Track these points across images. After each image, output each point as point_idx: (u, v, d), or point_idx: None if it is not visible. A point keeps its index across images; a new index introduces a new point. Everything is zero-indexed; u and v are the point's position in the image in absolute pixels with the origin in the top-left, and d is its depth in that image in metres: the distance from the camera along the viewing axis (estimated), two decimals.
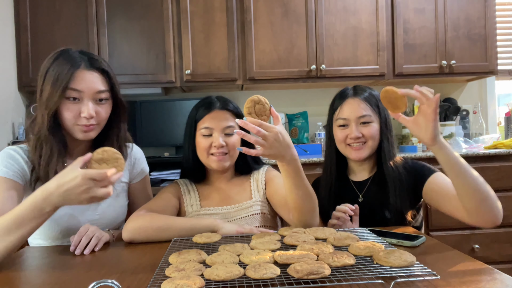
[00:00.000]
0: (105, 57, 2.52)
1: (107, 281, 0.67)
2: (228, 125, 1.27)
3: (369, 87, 1.36)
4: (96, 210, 1.23)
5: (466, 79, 2.94)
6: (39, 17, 2.51)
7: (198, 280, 0.70)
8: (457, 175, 1.00)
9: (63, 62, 1.10)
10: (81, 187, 0.89)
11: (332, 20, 2.61)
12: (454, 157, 0.99)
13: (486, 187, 1.01)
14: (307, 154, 2.62)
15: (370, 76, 2.64)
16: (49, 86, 1.08)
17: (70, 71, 1.08)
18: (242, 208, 1.29)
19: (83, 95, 1.10)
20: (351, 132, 1.27)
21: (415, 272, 0.73)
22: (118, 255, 1.03)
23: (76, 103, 1.11)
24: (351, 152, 1.29)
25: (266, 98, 1.01)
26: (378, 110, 1.29)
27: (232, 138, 1.28)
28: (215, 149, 1.25)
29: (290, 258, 0.79)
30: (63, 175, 0.92)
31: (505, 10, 3.11)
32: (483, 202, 1.01)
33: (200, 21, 2.56)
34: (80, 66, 1.11)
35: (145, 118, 2.70)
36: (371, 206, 1.29)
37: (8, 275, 0.90)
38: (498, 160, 2.35)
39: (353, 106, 1.29)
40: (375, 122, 1.29)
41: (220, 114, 1.28)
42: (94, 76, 1.12)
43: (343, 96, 1.33)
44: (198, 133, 1.29)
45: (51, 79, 1.09)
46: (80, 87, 1.10)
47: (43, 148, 1.11)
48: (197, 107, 1.32)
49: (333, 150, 1.37)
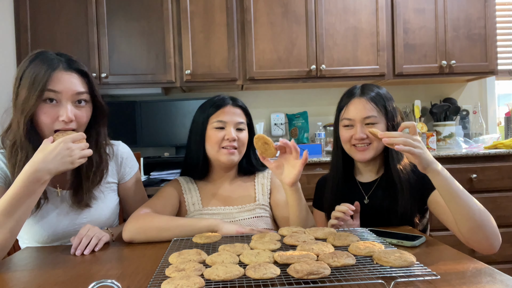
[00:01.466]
0: (105, 57, 2.52)
1: (107, 281, 0.67)
2: (240, 120, 1.31)
3: (378, 86, 1.34)
4: (83, 214, 1.20)
5: (466, 79, 2.94)
6: (39, 17, 2.51)
7: (198, 280, 0.70)
8: (450, 200, 1.02)
9: (40, 64, 1.06)
10: (66, 150, 0.96)
11: (332, 20, 2.61)
12: (448, 183, 1.01)
13: (483, 215, 1.02)
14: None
15: (370, 76, 2.64)
16: (25, 89, 1.04)
17: (48, 72, 1.04)
18: (245, 210, 1.29)
19: (61, 96, 1.06)
20: (356, 133, 1.25)
21: (415, 272, 0.73)
22: (118, 255, 1.03)
23: (54, 106, 1.06)
24: (356, 153, 1.27)
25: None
26: (385, 111, 1.27)
27: (243, 134, 1.31)
28: (227, 142, 1.26)
29: (290, 258, 0.79)
30: (44, 148, 0.97)
31: (505, 10, 3.11)
32: (478, 230, 1.01)
33: (200, 21, 2.56)
34: (58, 67, 1.07)
35: (145, 118, 2.70)
36: (377, 209, 1.27)
37: (8, 275, 0.90)
38: (498, 160, 2.35)
39: (358, 106, 1.27)
40: (381, 123, 1.26)
41: (233, 110, 1.31)
42: (73, 77, 1.09)
43: (350, 95, 1.32)
44: (210, 127, 1.29)
45: (27, 81, 1.04)
46: (58, 88, 1.05)
47: (18, 154, 1.06)
48: (208, 104, 1.33)
49: (340, 150, 1.35)
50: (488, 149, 2.43)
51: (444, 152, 2.37)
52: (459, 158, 2.34)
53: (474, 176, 2.30)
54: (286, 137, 3.00)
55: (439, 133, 2.76)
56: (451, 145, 2.73)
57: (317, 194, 1.46)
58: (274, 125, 2.95)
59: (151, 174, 2.45)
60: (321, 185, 1.44)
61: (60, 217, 1.18)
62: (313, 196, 1.48)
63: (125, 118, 2.68)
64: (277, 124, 2.95)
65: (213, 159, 1.31)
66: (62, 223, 1.18)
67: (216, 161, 1.31)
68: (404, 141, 0.99)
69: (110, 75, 2.52)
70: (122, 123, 2.67)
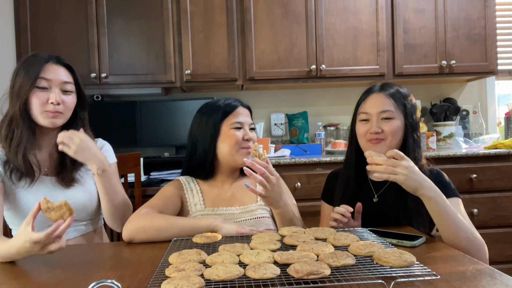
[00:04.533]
0: (105, 57, 2.52)
1: (107, 281, 0.67)
2: (251, 121, 1.36)
3: (398, 85, 1.34)
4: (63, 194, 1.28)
5: (466, 79, 2.94)
6: (39, 17, 2.51)
7: (198, 280, 0.70)
8: (440, 224, 1.06)
9: (34, 59, 1.27)
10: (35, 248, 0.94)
11: (332, 20, 2.61)
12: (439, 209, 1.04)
13: (470, 244, 1.04)
14: (307, 154, 2.62)
15: (370, 76, 2.64)
16: (21, 78, 1.23)
17: (41, 64, 1.25)
18: (247, 210, 1.29)
19: (51, 84, 1.25)
20: (372, 127, 1.25)
21: (415, 272, 0.73)
22: (118, 255, 1.03)
23: (44, 92, 1.24)
24: (370, 147, 1.26)
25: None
26: (404, 108, 1.26)
27: (254, 133, 1.36)
28: (246, 142, 1.30)
29: (290, 258, 0.79)
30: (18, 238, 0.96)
31: (505, 10, 3.11)
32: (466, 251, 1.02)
33: (200, 21, 2.56)
34: (49, 61, 1.27)
35: (145, 118, 2.69)
36: (385, 208, 1.27)
37: (8, 275, 0.90)
38: (498, 160, 2.35)
39: (376, 100, 1.28)
40: (398, 119, 1.25)
41: (245, 111, 1.36)
42: (61, 69, 1.29)
43: (369, 91, 1.33)
44: (227, 128, 1.30)
45: (22, 72, 1.24)
46: (49, 76, 1.25)
47: (14, 132, 1.24)
48: (219, 107, 1.33)
49: (354, 147, 1.35)
50: (488, 149, 2.43)
51: (444, 152, 2.37)
52: (459, 158, 2.34)
53: (474, 176, 2.30)
54: (286, 137, 3.01)
55: (439, 133, 2.77)
56: (451, 145, 2.73)
57: (326, 188, 1.47)
58: (274, 125, 2.95)
59: (151, 174, 2.45)
60: (332, 179, 1.45)
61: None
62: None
63: (125, 118, 2.67)
64: (277, 124, 2.95)
65: (226, 159, 1.30)
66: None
67: (230, 161, 1.30)
68: (385, 168, 1.03)
69: (110, 75, 2.52)
70: (122, 123, 2.66)
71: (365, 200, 1.23)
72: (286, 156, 2.48)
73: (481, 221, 2.27)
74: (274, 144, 2.74)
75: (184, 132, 2.68)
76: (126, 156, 1.83)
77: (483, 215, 2.28)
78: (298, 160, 2.30)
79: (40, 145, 1.31)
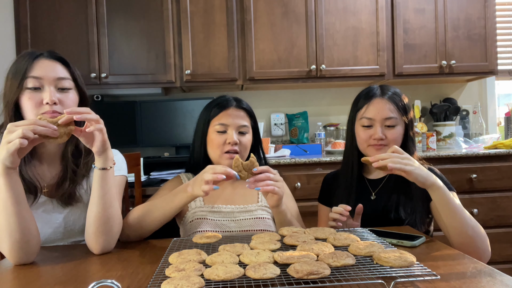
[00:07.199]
0: (105, 57, 2.52)
1: (107, 281, 0.67)
2: (243, 124, 1.28)
3: (392, 85, 1.35)
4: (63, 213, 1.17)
5: (466, 79, 2.94)
6: (39, 17, 2.51)
7: (198, 280, 0.70)
8: (447, 214, 1.06)
9: (23, 56, 1.11)
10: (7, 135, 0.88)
11: (332, 20, 2.61)
12: (446, 198, 1.04)
13: (476, 231, 1.05)
14: (307, 154, 2.62)
15: (370, 76, 2.64)
16: (9, 80, 1.09)
17: (29, 61, 1.09)
18: (246, 210, 1.29)
19: (44, 82, 1.08)
20: (375, 133, 1.26)
21: (415, 272, 0.73)
22: (118, 255, 1.03)
23: (37, 93, 1.08)
24: (372, 152, 1.27)
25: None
26: (404, 110, 1.28)
27: (245, 137, 1.29)
28: (229, 146, 1.24)
29: (290, 258, 0.79)
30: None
31: (505, 10, 3.11)
32: (469, 245, 1.05)
33: (200, 21, 2.56)
34: (40, 56, 1.11)
35: (145, 118, 2.69)
36: (383, 205, 1.28)
37: (8, 275, 0.90)
38: (498, 160, 2.35)
39: (379, 106, 1.27)
40: (400, 125, 1.27)
41: (236, 112, 1.29)
42: (55, 64, 1.12)
43: (369, 95, 1.31)
44: (212, 130, 1.28)
45: (10, 74, 1.10)
46: (39, 74, 1.08)
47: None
48: (212, 105, 1.32)
49: (355, 148, 1.35)
50: (488, 149, 2.43)
51: (444, 152, 2.37)
52: (459, 158, 2.34)
53: (474, 176, 2.30)
54: (286, 137, 3.01)
55: (439, 133, 2.77)
56: (451, 145, 2.73)
57: (323, 190, 1.47)
58: (274, 125, 2.95)
59: (151, 174, 2.45)
60: (329, 182, 1.45)
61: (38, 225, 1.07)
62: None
63: (125, 118, 2.67)
64: (277, 124, 2.95)
65: (215, 161, 1.30)
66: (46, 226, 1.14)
67: (218, 164, 1.29)
68: (393, 160, 1.02)
69: (110, 75, 2.52)
70: (122, 123, 2.66)
71: (363, 199, 1.24)
72: (286, 156, 2.48)
73: (481, 221, 2.23)
74: (274, 144, 2.74)
75: (184, 132, 2.68)
76: (126, 156, 1.83)
77: (483, 215, 2.28)
78: (298, 160, 2.30)
79: (40, 156, 1.16)
